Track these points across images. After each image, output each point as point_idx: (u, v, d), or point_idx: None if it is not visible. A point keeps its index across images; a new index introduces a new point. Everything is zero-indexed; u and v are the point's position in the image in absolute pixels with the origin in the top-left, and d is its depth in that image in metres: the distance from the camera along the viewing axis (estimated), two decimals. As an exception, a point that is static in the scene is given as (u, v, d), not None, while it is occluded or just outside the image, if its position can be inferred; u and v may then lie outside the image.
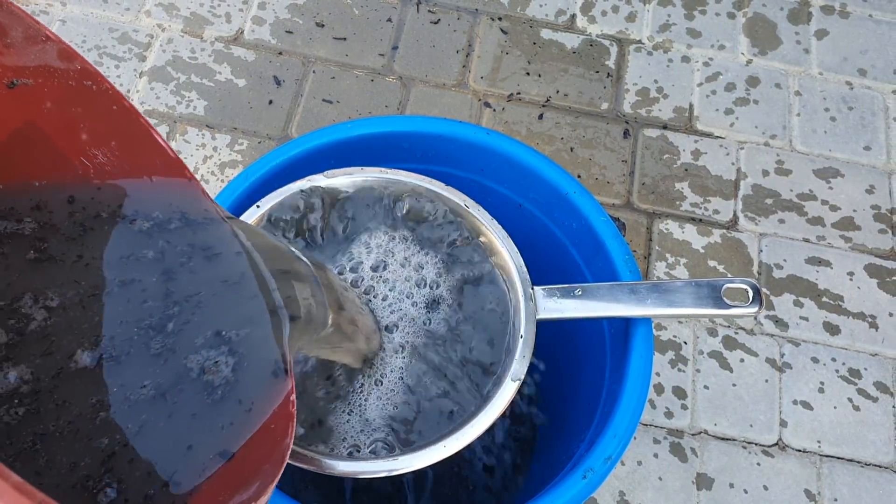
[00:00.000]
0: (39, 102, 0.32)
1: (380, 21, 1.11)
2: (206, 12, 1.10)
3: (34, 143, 0.32)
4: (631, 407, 0.56)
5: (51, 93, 0.32)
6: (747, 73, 1.10)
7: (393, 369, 0.57)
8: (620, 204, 1.00)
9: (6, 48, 0.30)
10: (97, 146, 0.34)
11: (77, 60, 0.32)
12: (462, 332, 0.58)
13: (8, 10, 0.29)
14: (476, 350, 0.57)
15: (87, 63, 0.33)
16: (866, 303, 0.95)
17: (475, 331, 0.58)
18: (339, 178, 0.62)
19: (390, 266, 0.60)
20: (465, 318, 0.59)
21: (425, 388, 0.56)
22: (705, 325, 0.93)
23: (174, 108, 1.02)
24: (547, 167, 0.66)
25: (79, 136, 0.33)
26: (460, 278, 0.60)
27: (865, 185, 1.03)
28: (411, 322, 0.58)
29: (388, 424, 0.55)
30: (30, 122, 0.32)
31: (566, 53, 1.10)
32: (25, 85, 0.31)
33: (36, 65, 0.31)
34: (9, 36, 0.30)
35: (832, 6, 1.16)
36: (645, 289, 0.57)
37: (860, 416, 0.88)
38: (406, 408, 0.55)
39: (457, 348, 0.57)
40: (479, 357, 0.57)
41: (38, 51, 0.31)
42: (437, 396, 0.56)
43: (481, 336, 0.58)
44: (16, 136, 0.32)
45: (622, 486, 0.84)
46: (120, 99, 0.34)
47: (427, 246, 0.61)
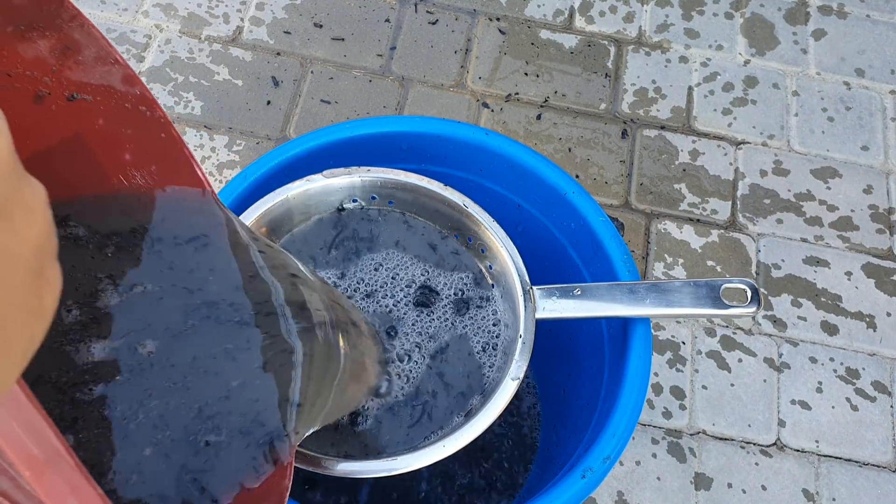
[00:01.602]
0: (93, 118, 0.34)
1: (378, 21, 1.11)
2: (204, 13, 1.10)
3: (78, 154, 0.34)
4: (629, 407, 0.56)
5: (106, 111, 0.34)
6: (745, 74, 1.10)
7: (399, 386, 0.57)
8: (618, 204, 1.00)
9: (75, 64, 0.32)
10: (138, 167, 0.35)
11: (138, 86, 0.34)
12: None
13: (87, 30, 0.31)
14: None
15: (147, 90, 0.34)
16: (864, 303, 0.95)
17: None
18: (338, 179, 0.62)
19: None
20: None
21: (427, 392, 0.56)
22: (703, 325, 0.93)
23: (172, 109, 1.02)
24: (545, 167, 0.66)
25: (122, 156, 0.35)
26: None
27: (863, 185, 1.03)
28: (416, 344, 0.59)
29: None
30: (79, 134, 0.33)
31: (564, 54, 1.10)
32: (84, 100, 0.33)
33: (99, 84, 0.33)
34: (81, 53, 0.31)
35: (830, 6, 1.16)
36: (643, 289, 0.57)
37: (858, 416, 0.89)
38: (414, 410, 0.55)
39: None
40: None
41: (104, 71, 0.32)
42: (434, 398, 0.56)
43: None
44: (63, 145, 0.33)
45: (621, 486, 0.84)
46: (169, 128, 0.36)
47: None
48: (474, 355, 0.58)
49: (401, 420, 0.56)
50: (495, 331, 0.59)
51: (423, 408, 0.56)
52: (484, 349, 0.58)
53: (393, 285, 0.60)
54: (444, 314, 0.59)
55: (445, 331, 0.59)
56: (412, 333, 0.59)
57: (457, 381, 0.57)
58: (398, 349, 0.58)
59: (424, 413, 0.56)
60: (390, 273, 0.61)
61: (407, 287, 0.60)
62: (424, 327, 0.59)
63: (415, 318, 0.59)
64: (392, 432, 0.55)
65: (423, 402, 0.56)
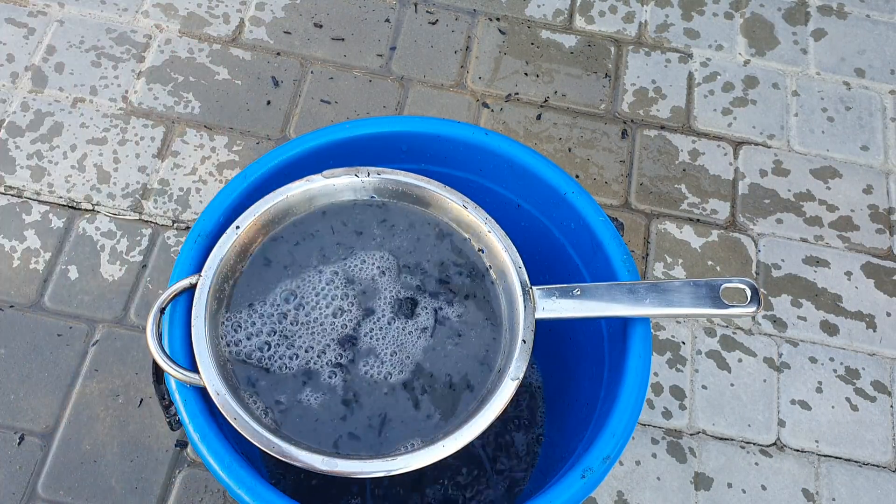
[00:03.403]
0: None
1: (378, 22, 1.11)
2: (204, 13, 1.10)
3: None
4: (629, 407, 0.56)
5: None
6: (745, 74, 1.10)
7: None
8: (618, 204, 1.00)
9: None
10: None
11: None
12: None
13: None
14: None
15: None
16: (864, 302, 0.95)
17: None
18: (338, 179, 0.62)
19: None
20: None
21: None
22: (703, 325, 0.93)
23: (172, 109, 1.02)
24: (545, 167, 0.66)
25: None
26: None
27: (863, 185, 1.03)
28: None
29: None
30: None
31: (564, 54, 1.10)
32: None
33: None
34: None
35: (830, 6, 1.16)
36: (643, 289, 0.57)
37: (858, 416, 0.89)
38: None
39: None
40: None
41: None
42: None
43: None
44: None
45: (620, 486, 0.84)
46: None
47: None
48: (474, 355, 0.58)
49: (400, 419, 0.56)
50: (495, 331, 0.59)
51: (421, 408, 0.56)
52: (483, 349, 0.58)
53: (392, 284, 0.60)
54: (443, 313, 0.59)
55: (444, 330, 0.59)
56: (412, 332, 0.59)
57: (456, 382, 0.57)
58: (397, 347, 0.58)
59: (423, 412, 0.56)
60: (390, 273, 0.61)
61: (406, 286, 0.60)
62: (422, 326, 0.59)
63: (415, 318, 0.59)
64: (391, 431, 0.55)
65: (422, 402, 0.56)
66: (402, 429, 0.55)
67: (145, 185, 0.97)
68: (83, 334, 0.88)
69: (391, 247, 0.62)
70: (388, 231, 0.62)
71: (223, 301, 0.58)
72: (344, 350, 0.57)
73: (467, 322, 0.59)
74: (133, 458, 0.82)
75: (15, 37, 1.06)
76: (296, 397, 0.55)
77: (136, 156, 0.99)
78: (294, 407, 0.55)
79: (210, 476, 0.81)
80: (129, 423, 0.84)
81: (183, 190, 0.97)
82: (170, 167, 0.98)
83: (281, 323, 0.58)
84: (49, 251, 0.92)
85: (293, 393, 0.56)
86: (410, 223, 0.62)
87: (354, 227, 0.62)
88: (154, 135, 1.00)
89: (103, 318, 0.89)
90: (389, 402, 0.56)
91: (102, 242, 0.93)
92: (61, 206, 0.95)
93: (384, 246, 0.62)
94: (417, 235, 0.62)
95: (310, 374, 0.56)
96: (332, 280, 0.60)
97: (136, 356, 0.87)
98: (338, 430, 0.55)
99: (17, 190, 0.96)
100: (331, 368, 0.57)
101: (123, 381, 0.86)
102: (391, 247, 0.62)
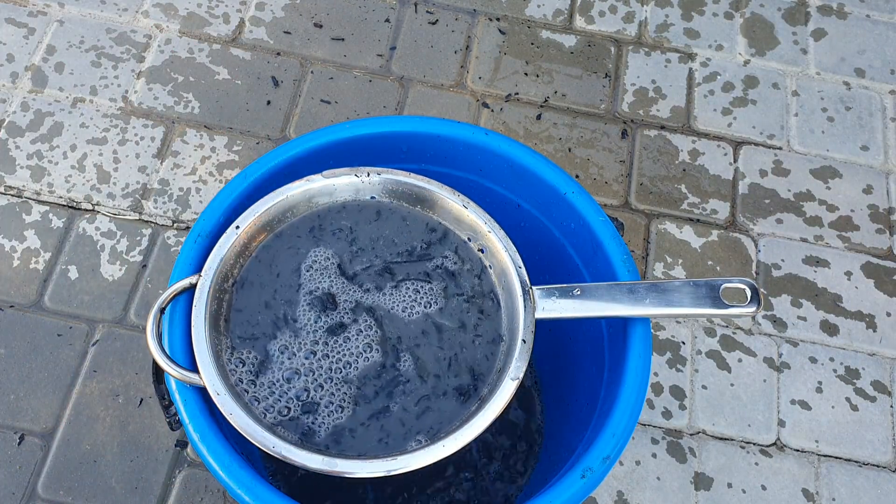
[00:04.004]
0: None
1: (378, 21, 1.11)
2: (204, 13, 1.10)
3: None
4: (629, 406, 0.56)
5: None
6: (745, 74, 1.10)
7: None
8: (618, 204, 1.00)
9: None
10: None
11: None
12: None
13: None
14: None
15: None
16: (864, 302, 0.95)
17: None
18: (338, 179, 0.62)
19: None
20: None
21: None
22: (703, 325, 0.93)
23: (172, 109, 1.02)
24: (545, 167, 0.66)
25: None
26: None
27: (863, 185, 1.03)
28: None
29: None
30: None
31: (564, 54, 1.10)
32: None
33: None
34: None
35: (830, 6, 1.16)
36: (643, 289, 0.57)
37: (858, 416, 0.89)
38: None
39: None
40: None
41: None
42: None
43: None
44: None
45: (620, 486, 0.84)
46: None
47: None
48: (473, 355, 0.58)
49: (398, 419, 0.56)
50: (495, 331, 0.59)
51: (420, 409, 0.56)
52: (483, 349, 0.58)
53: (392, 284, 0.60)
54: (443, 313, 0.59)
55: (443, 330, 0.59)
56: (412, 333, 0.59)
57: (456, 382, 0.57)
58: (395, 348, 0.58)
59: (423, 413, 0.56)
60: (389, 272, 0.61)
61: (405, 286, 0.60)
62: (421, 326, 0.59)
63: (414, 318, 0.59)
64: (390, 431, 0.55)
65: (421, 401, 0.56)
66: (402, 429, 0.55)
67: (145, 185, 0.97)
68: (83, 334, 0.88)
69: (391, 247, 0.62)
70: (387, 231, 0.62)
71: (223, 301, 0.58)
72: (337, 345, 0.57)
73: (467, 322, 0.59)
74: (133, 458, 0.82)
75: (15, 37, 1.06)
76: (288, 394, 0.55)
77: (136, 156, 0.99)
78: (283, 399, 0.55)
79: (210, 476, 0.81)
80: (129, 423, 0.84)
81: (183, 190, 0.97)
82: (170, 167, 0.98)
83: (281, 322, 0.58)
84: (49, 251, 0.92)
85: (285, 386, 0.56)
86: (410, 223, 0.62)
87: (354, 228, 0.62)
88: (154, 135, 1.00)
89: (103, 318, 0.89)
90: (389, 401, 0.56)
91: (102, 242, 0.93)
92: (61, 206, 0.95)
93: (384, 246, 0.62)
94: (417, 235, 0.62)
95: (303, 372, 0.56)
96: (333, 280, 0.60)
97: (136, 356, 0.87)
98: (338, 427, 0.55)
99: (17, 190, 0.96)
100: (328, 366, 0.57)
101: (123, 381, 0.86)
102: (391, 247, 0.62)
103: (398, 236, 0.62)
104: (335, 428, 0.55)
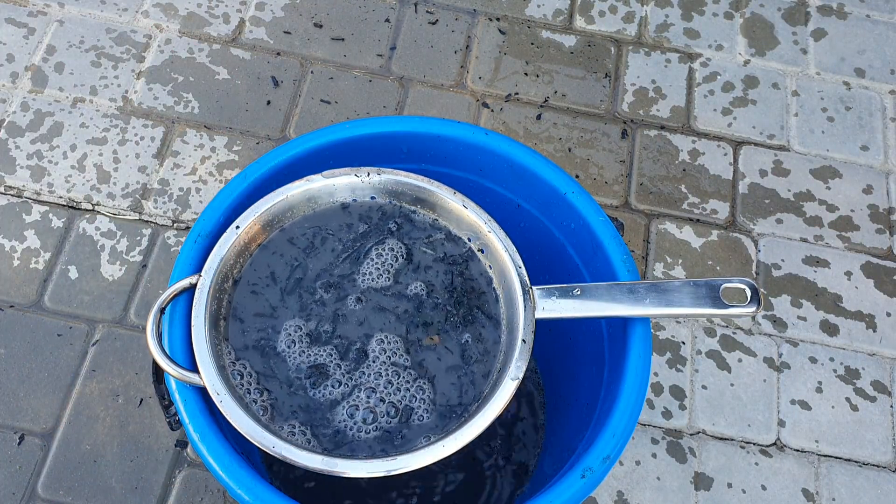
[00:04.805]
0: None
1: (378, 21, 1.11)
2: (204, 13, 1.10)
3: None
4: (629, 406, 0.56)
5: None
6: (745, 74, 1.10)
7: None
8: (618, 204, 1.00)
9: None
10: None
11: None
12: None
13: None
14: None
15: None
16: (864, 302, 0.95)
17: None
18: (338, 179, 0.62)
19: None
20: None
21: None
22: (703, 325, 0.93)
23: (172, 109, 1.02)
24: (545, 167, 0.66)
25: None
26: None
27: (863, 185, 1.03)
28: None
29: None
30: None
31: (564, 54, 1.10)
32: None
33: None
34: None
35: (830, 6, 1.16)
36: (643, 288, 0.57)
37: (858, 416, 0.89)
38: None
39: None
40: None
41: None
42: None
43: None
44: None
45: (620, 486, 0.84)
46: None
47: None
48: (473, 355, 0.58)
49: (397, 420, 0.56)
50: (494, 331, 0.59)
51: (420, 409, 0.56)
52: (483, 349, 0.58)
53: (392, 284, 0.60)
54: (442, 313, 0.59)
55: (443, 330, 0.59)
56: (410, 331, 0.59)
57: (455, 382, 0.57)
58: (394, 346, 0.58)
59: (422, 413, 0.56)
60: (389, 272, 0.61)
61: (405, 287, 0.60)
62: (421, 326, 0.59)
63: (414, 317, 0.59)
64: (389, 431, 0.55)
65: (420, 401, 0.56)
66: (402, 429, 0.55)
67: (145, 185, 0.97)
68: (83, 334, 0.88)
69: (391, 247, 0.62)
70: (387, 231, 0.62)
71: (223, 301, 0.58)
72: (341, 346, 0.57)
73: (467, 322, 0.59)
74: (133, 458, 0.82)
75: (15, 37, 1.06)
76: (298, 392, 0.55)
77: (136, 156, 0.99)
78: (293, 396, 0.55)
79: (210, 476, 0.81)
80: (129, 423, 0.84)
81: (183, 190, 0.97)
82: (170, 167, 0.98)
83: (281, 322, 0.58)
84: (49, 251, 0.92)
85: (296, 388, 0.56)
86: (410, 223, 0.62)
87: (354, 227, 0.62)
88: (154, 135, 1.00)
89: (103, 318, 0.89)
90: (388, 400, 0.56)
91: (102, 242, 0.93)
92: (61, 206, 0.95)
93: (384, 246, 0.62)
94: (417, 235, 0.62)
95: (313, 368, 0.56)
96: (332, 280, 0.60)
97: (136, 356, 0.87)
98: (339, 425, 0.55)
99: (17, 190, 0.96)
100: (335, 362, 0.57)
101: (123, 381, 0.86)
102: (391, 247, 0.62)
103: (399, 235, 0.62)
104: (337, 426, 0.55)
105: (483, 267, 0.61)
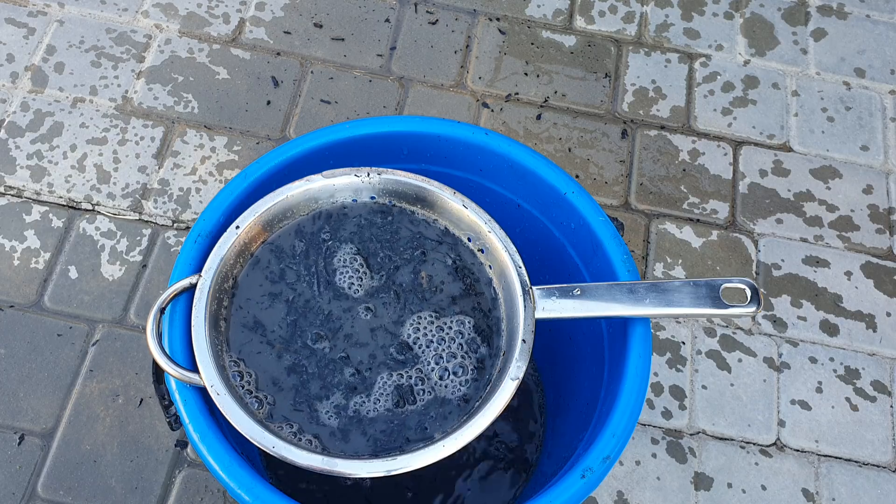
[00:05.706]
0: None
1: (378, 21, 1.11)
2: (204, 13, 1.10)
3: None
4: (629, 406, 0.56)
5: None
6: (745, 74, 1.10)
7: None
8: (618, 204, 1.00)
9: None
10: None
11: None
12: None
13: None
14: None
15: None
16: (864, 302, 0.95)
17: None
18: (338, 179, 0.62)
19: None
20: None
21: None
22: (703, 325, 0.93)
23: (172, 109, 1.02)
24: (545, 167, 0.66)
25: None
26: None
27: (863, 185, 1.03)
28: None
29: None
30: None
31: (564, 54, 1.10)
32: None
33: None
34: None
35: (830, 6, 1.16)
36: (643, 288, 0.57)
37: (858, 416, 0.89)
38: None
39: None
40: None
41: None
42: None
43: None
44: None
45: (620, 486, 0.84)
46: None
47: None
48: (473, 355, 0.58)
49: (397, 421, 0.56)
50: (494, 331, 0.59)
51: (420, 409, 0.56)
52: (483, 349, 0.58)
53: (392, 284, 0.60)
54: (441, 312, 0.59)
55: (443, 329, 0.59)
56: (411, 330, 0.59)
57: (455, 382, 0.57)
58: (396, 345, 0.58)
59: (424, 412, 0.56)
60: (390, 272, 0.61)
61: (405, 286, 0.60)
62: (421, 325, 0.59)
63: (414, 317, 0.59)
64: (389, 431, 0.55)
65: (420, 401, 0.56)
66: (401, 429, 0.55)
67: (145, 185, 0.97)
68: (83, 334, 0.88)
69: (391, 247, 0.62)
70: (387, 231, 0.62)
71: (223, 301, 0.58)
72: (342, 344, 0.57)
73: (467, 322, 0.59)
74: (133, 458, 0.82)
75: (15, 37, 1.06)
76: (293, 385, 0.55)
77: (136, 156, 0.99)
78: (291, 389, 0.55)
79: (210, 476, 0.81)
80: (129, 423, 0.84)
81: (183, 190, 0.97)
82: (170, 167, 0.98)
83: (281, 322, 0.58)
84: (49, 251, 0.92)
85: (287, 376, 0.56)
86: (410, 223, 0.62)
87: (354, 227, 0.62)
88: (154, 135, 1.00)
89: (103, 318, 0.89)
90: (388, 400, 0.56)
91: (102, 242, 0.93)
92: (61, 206, 0.95)
93: (384, 246, 0.62)
94: (417, 235, 0.62)
95: (313, 368, 0.56)
96: (333, 279, 0.60)
97: (136, 356, 0.87)
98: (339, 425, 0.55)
99: (17, 190, 0.96)
100: (336, 361, 0.57)
101: (123, 381, 0.86)
102: (391, 247, 0.62)
103: (398, 236, 0.62)
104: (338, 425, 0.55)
105: (483, 267, 0.61)
